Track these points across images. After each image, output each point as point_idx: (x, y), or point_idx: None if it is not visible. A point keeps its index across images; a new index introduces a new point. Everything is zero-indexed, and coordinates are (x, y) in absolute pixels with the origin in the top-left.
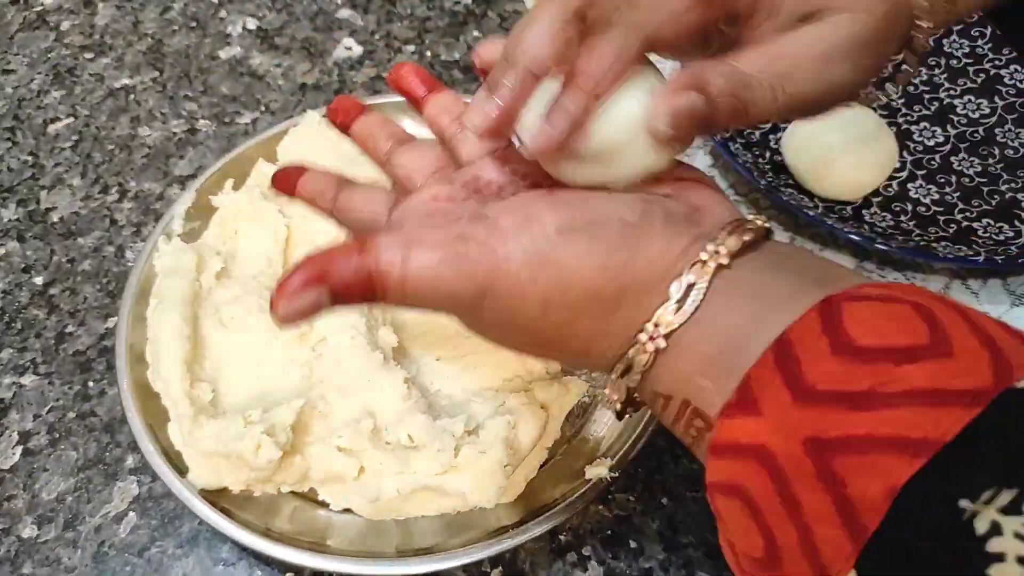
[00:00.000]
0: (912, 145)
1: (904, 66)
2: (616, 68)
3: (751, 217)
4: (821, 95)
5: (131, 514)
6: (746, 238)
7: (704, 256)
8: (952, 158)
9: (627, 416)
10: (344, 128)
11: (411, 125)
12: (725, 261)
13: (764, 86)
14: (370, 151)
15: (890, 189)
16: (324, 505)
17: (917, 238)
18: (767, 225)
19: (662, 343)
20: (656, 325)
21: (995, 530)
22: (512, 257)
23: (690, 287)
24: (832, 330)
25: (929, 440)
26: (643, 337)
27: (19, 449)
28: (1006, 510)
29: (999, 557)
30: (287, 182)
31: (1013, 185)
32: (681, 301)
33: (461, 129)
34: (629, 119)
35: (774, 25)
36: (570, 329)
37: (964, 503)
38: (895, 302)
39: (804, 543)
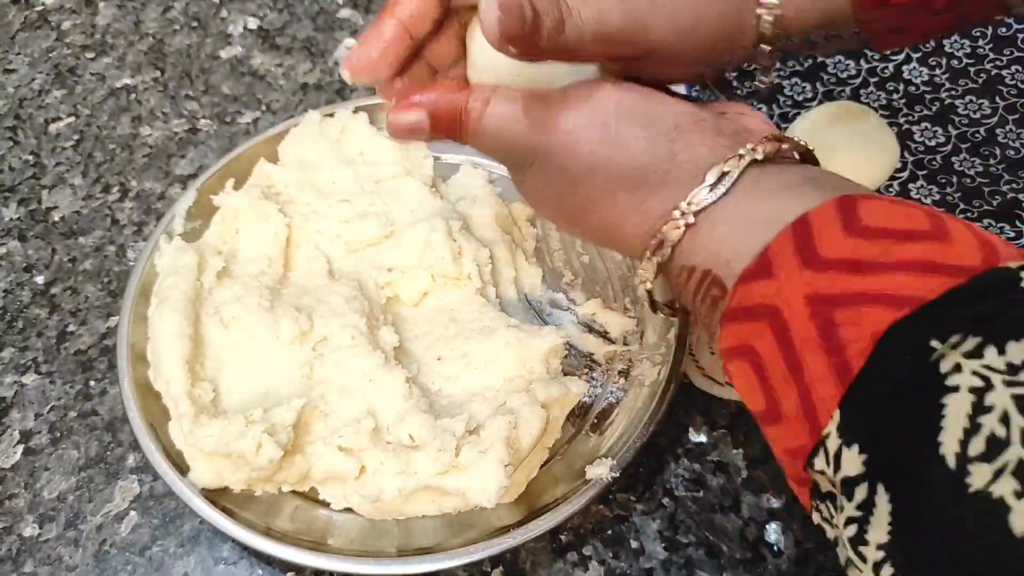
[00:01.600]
0: (913, 145)
1: (756, 65)
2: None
3: (794, 138)
4: (627, 31)
5: (132, 513)
6: (784, 147)
7: (742, 152)
8: (953, 158)
9: (658, 312)
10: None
11: None
12: (759, 157)
13: (576, 14)
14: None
15: (891, 189)
16: (325, 504)
17: None
18: (810, 147)
19: (692, 219)
20: (689, 204)
21: (956, 368)
22: (571, 121)
23: (724, 174)
24: (846, 215)
25: (914, 297)
26: (676, 214)
27: (20, 448)
28: (969, 354)
29: (954, 388)
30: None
31: (1014, 186)
32: (715, 185)
33: None
34: None
35: None
36: (610, 198)
37: (935, 343)
38: (905, 204)
39: (800, 389)
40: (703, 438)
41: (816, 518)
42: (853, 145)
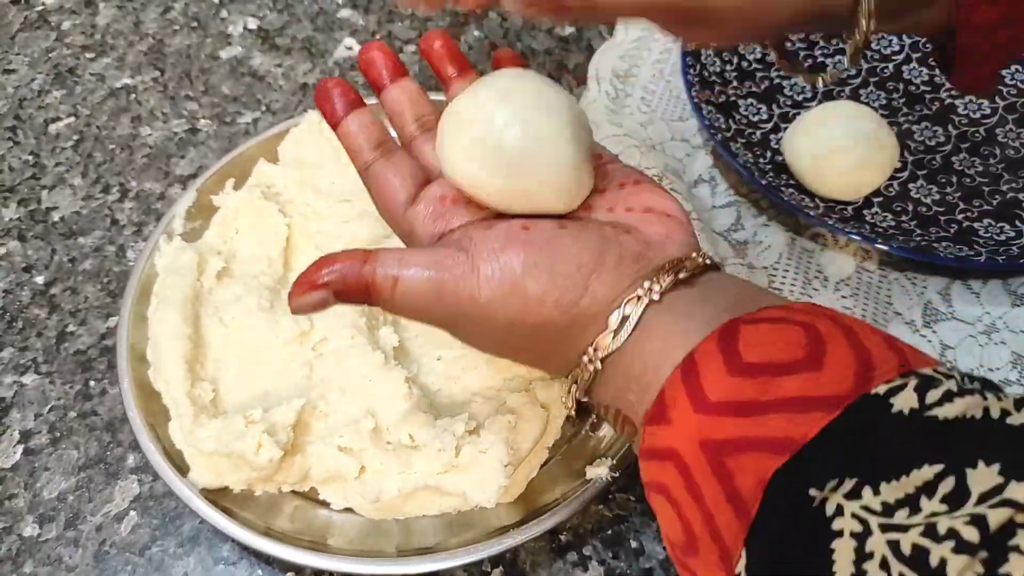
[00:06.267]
0: (913, 145)
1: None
2: None
3: (695, 255)
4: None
5: (132, 513)
6: (680, 275)
7: (640, 292)
8: (953, 158)
9: (587, 423)
10: (377, 89)
11: None
12: (656, 298)
13: None
14: (396, 126)
15: (891, 189)
16: (325, 504)
17: (918, 238)
18: (707, 261)
19: (599, 365)
20: (595, 349)
21: (839, 511)
22: (484, 292)
23: (625, 319)
24: (727, 349)
25: (792, 440)
26: (585, 359)
27: (20, 448)
28: (848, 495)
29: (839, 533)
30: (332, 113)
31: (1014, 185)
32: (617, 330)
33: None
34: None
35: None
36: (530, 344)
37: (813, 491)
38: (785, 323)
39: (710, 528)
40: None
41: None
42: (853, 145)
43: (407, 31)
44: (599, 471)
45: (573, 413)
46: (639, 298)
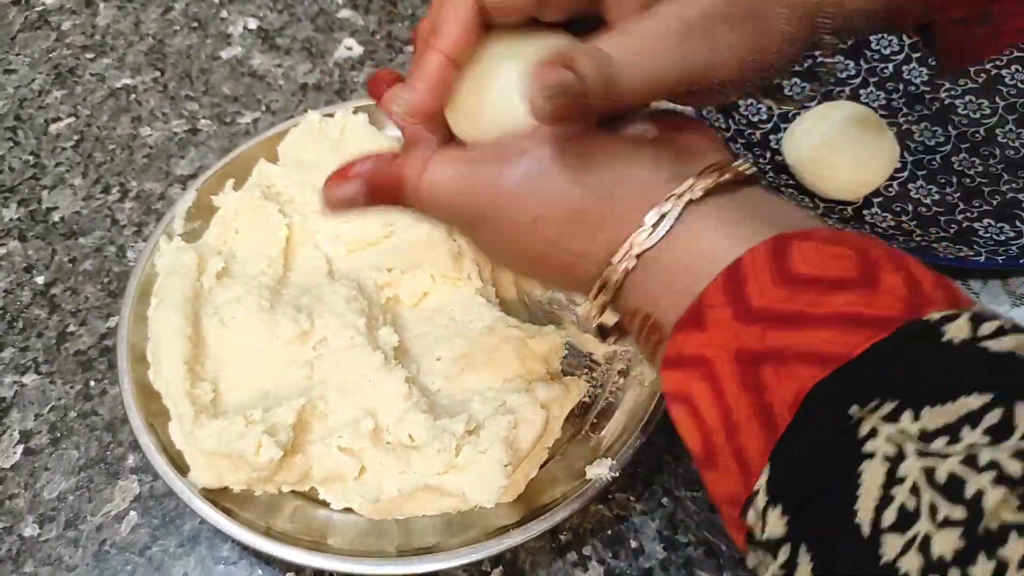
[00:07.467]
0: (913, 145)
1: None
2: (455, 30)
3: (738, 161)
4: (685, 75)
5: (132, 513)
6: (724, 178)
7: (680, 190)
8: (953, 158)
9: (609, 341)
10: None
11: None
12: (698, 196)
13: (628, 68)
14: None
15: (891, 189)
16: (325, 504)
17: (918, 238)
18: (750, 171)
19: (632, 262)
20: (630, 246)
21: (872, 434)
22: (510, 179)
23: (663, 216)
24: (777, 261)
25: (838, 355)
26: (615, 259)
27: (20, 448)
28: (886, 418)
29: (870, 455)
30: (378, 88)
31: (1014, 185)
32: (654, 227)
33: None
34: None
35: (636, 3)
36: (556, 246)
37: (853, 409)
38: (838, 243)
39: (733, 443)
40: None
41: (752, 561)
42: (853, 145)
43: (407, 31)
44: (599, 471)
45: (595, 322)
46: (679, 196)
